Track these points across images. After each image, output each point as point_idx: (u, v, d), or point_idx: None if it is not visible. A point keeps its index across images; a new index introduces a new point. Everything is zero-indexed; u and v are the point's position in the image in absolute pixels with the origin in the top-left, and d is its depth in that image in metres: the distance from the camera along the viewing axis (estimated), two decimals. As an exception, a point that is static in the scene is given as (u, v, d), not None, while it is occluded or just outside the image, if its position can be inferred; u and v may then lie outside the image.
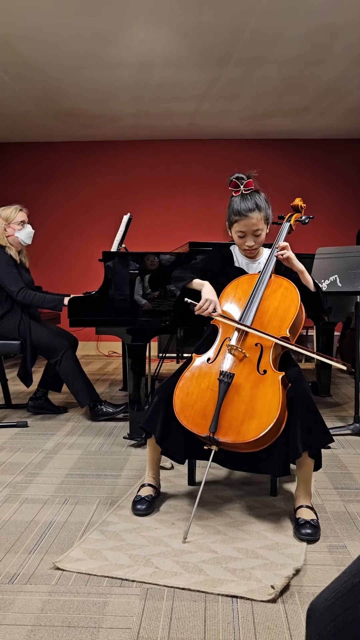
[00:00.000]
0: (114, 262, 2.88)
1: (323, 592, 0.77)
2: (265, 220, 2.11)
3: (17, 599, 1.49)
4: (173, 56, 4.34)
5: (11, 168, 6.79)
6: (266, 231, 2.14)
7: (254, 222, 2.07)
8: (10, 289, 3.30)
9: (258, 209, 2.06)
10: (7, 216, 3.40)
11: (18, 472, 2.50)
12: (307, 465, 1.93)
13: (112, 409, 3.38)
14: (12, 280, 3.30)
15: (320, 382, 4.10)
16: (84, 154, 6.74)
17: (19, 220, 3.41)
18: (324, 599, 0.75)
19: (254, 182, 2.11)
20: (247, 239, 2.11)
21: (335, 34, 3.95)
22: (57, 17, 3.72)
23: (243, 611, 1.44)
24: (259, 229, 2.09)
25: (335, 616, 0.72)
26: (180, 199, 6.72)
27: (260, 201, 2.08)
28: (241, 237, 2.12)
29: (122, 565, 1.66)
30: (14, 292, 3.29)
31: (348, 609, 0.71)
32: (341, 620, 0.71)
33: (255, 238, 2.11)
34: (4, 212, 3.43)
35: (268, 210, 2.12)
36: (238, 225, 2.09)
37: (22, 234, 3.42)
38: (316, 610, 0.76)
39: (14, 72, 4.66)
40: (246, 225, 2.07)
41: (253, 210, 2.05)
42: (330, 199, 6.57)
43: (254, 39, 4.06)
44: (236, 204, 2.09)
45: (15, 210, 3.43)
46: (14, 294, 3.30)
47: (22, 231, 3.42)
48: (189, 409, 1.91)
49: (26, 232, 3.44)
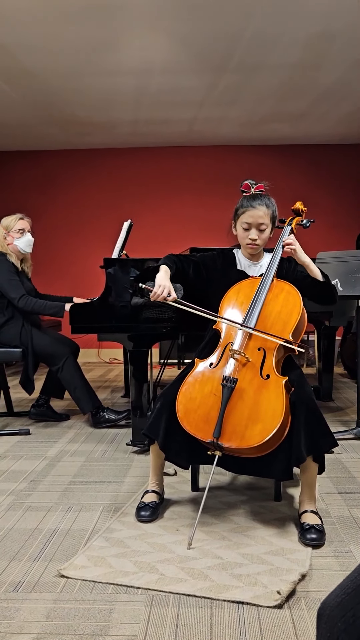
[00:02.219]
0: (115, 269, 2.89)
1: (334, 591, 0.77)
2: (271, 217, 2.14)
3: (22, 607, 1.49)
4: (171, 63, 4.36)
5: (11, 176, 6.81)
6: (270, 231, 2.16)
7: (261, 215, 2.10)
8: (11, 295, 3.30)
9: (266, 205, 2.12)
10: (7, 224, 3.44)
11: (21, 479, 2.49)
12: (311, 469, 1.92)
13: (114, 415, 3.38)
14: (13, 288, 3.31)
15: (322, 387, 4.10)
16: (83, 161, 6.76)
17: (17, 229, 3.44)
18: (334, 596, 0.76)
19: (265, 188, 2.19)
20: (251, 232, 2.13)
21: (332, 39, 3.97)
22: (56, 25, 3.74)
23: (249, 617, 1.44)
24: (264, 223, 2.12)
25: (345, 612, 0.72)
26: (180, 205, 6.73)
27: (269, 201, 2.15)
28: (246, 229, 2.13)
29: (127, 572, 1.65)
30: (14, 299, 3.30)
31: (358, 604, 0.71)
32: (351, 615, 0.71)
33: (259, 233, 2.13)
34: (4, 220, 3.47)
35: (275, 211, 2.17)
36: (245, 216, 2.12)
37: (20, 242, 3.44)
38: (327, 607, 0.76)
39: (13, 80, 4.68)
40: (252, 216, 2.10)
41: (262, 204, 2.11)
42: (329, 203, 6.58)
43: (252, 46, 4.08)
44: (245, 198, 2.15)
45: (15, 218, 3.46)
46: (14, 301, 3.30)
47: (20, 239, 3.44)
48: (192, 414, 1.91)
49: (25, 240, 3.45)
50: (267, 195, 2.17)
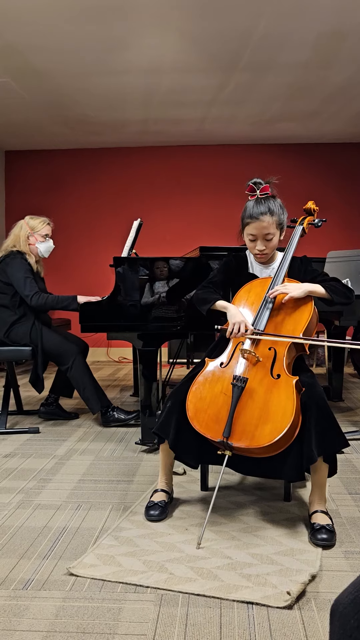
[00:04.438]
0: (125, 268, 2.89)
1: (347, 588, 0.77)
2: (278, 225, 2.09)
3: (32, 604, 1.49)
4: (181, 62, 4.36)
5: (21, 176, 6.83)
6: (279, 237, 2.13)
7: (265, 226, 2.05)
8: (25, 293, 3.32)
9: (270, 213, 2.05)
10: (34, 226, 3.49)
11: (31, 478, 2.50)
12: (322, 470, 1.91)
13: (123, 415, 3.38)
14: (27, 285, 3.33)
15: (332, 387, 4.08)
16: (93, 161, 6.77)
17: (43, 233, 3.50)
18: (347, 593, 0.75)
19: (271, 187, 2.10)
20: (257, 243, 2.10)
21: (343, 38, 3.95)
22: (65, 25, 3.74)
23: (259, 617, 1.43)
24: (270, 233, 2.07)
25: (358, 609, 0.72)
26: (189, 204, 6.72)
27: (274, 206, 2.07)
28: (252, 240, 2.11)
29: (136, 571, 1.65)
30: (28, 296, 3.32)
31: None
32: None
33: (266, 242, 2.10)
34: (32, 220, 3.52)
35: (282, 215, 2.10)
36: (249, 228, 2.08)
37: (42, 246, 3.50)
38: (340, 605, 0.75)
39: (23, 80, 4.70)
40: (257, 228, 2.06)
41: (265, 214, 2.04)
42: (339, 202, 6.55)
43: (262, 45, 4.06)
44: (249, 207, 2.08)
45: (43, 222, 3.52)
46: (28, 298, 3.32)
47: (43, 244, 3.50)
48: (202, 413, 1.90)
49: (47, 245, 3.52)
50: (274, 198, 2.09)
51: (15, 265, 3.35)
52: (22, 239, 3.45)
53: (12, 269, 3.35)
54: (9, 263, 3.37)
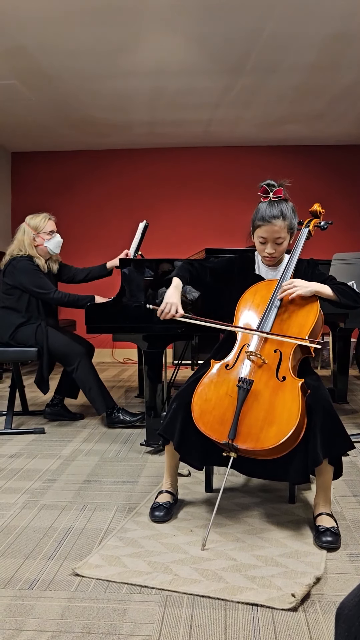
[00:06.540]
0: (130, 269, 2.89)
1: (352, 591, 0.77)
2: (288, 229, 2.08)
3: (37, 604, 1.50)
4: (188, 64, 4.37)
5: (28, 177, 6.86)
6: (289, 241, 2.12)
7: (277, 230, 2.05)
8: (44, 291, 3.31)
9: (283, 217, 2.04)
10: (37, 225, 3.39)
11: (36, 478, 2.51)
12: (327, 472, 1.91)
13: (129, 417, 3.38)
14: (43, 285, 3.33)
15: (337, 389, 4.07)
16: (99, 162, 6.79)
17: (48, 230, 3.41)
18: (352, 596, 0.76)
19: (284, 191, 2.08)
20: (267, 246, 2.10)
21: (349, 41, 3.95)
22: (72, 27, 3.76)
23: (264, 619, 1.43)
24: (280, 237, 2.07)
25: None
26: (195, 206, 6.73)
27: (287, 210, 2.06)
28: (262, 243, 2.11)
29: (141, 572, 1.65)
30: (49, 293, 3.31)
31: None
32: None
33: (276, 246, 2.09)
34: (32, 220, 3.42)
35: (293, 220, 2.10)
36: (260, 231, 2.07)
37: (51, 243, 3.43)
38: (345, 607, 0.76)
39: (30, 82, 4.72)
40: (268, 231, 2.06)
41: (277, 217, 2.03)
42: (345, 204, 6.54)
43: (268, 47, 4.07)
44: (262, 209, 2.07)
45: (44, 219, 3.42)
46: (49, 294, 3.31)
47: (51, 241, 3.42)
48: (207, 415, 1.91)
49: (55, 241, 3.44)
50: (286, 201, 2.08)
51: (24, 269, 3.33)
52: (27, 242, 3.38)
53: (21, 272, 3.32)
54: (16, 266, 3.34)
